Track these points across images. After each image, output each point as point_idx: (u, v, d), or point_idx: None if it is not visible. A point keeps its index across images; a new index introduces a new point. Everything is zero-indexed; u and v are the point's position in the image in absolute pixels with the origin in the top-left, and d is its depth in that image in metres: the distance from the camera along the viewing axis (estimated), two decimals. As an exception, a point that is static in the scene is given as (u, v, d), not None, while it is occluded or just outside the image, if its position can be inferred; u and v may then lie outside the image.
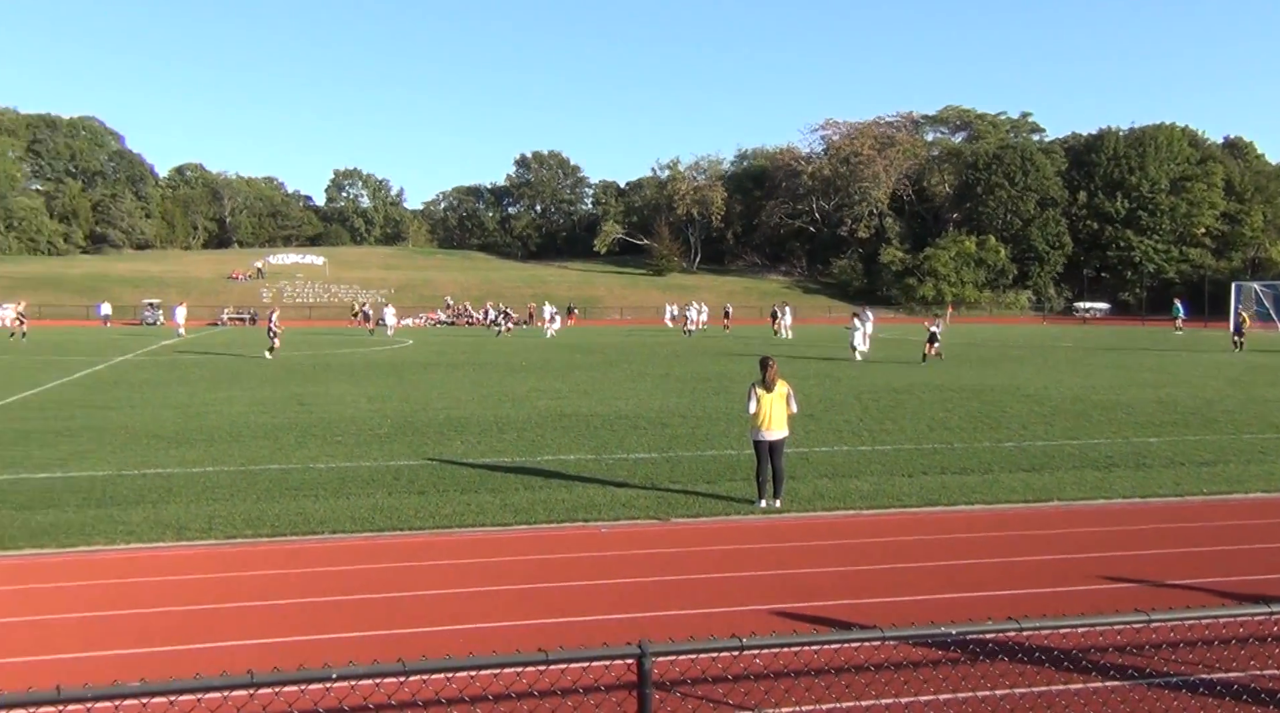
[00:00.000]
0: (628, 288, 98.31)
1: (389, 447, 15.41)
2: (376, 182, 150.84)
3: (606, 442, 16.07)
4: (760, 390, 11.44)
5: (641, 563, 9.25)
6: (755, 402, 11.43)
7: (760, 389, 11.45)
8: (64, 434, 16.34)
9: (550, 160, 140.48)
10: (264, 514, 10.83)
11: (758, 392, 11.45)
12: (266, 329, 36.80)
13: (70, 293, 79.95)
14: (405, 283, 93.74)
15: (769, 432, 11.40)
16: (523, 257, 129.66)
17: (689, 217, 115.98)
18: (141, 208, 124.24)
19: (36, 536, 9.88)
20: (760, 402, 11.41)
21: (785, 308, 56.75)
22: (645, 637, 3.80)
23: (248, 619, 7.62)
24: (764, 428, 11.38)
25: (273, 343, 35.31)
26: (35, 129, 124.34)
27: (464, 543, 9.94)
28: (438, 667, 3.46)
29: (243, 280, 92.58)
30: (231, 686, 3.32)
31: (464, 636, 7.20)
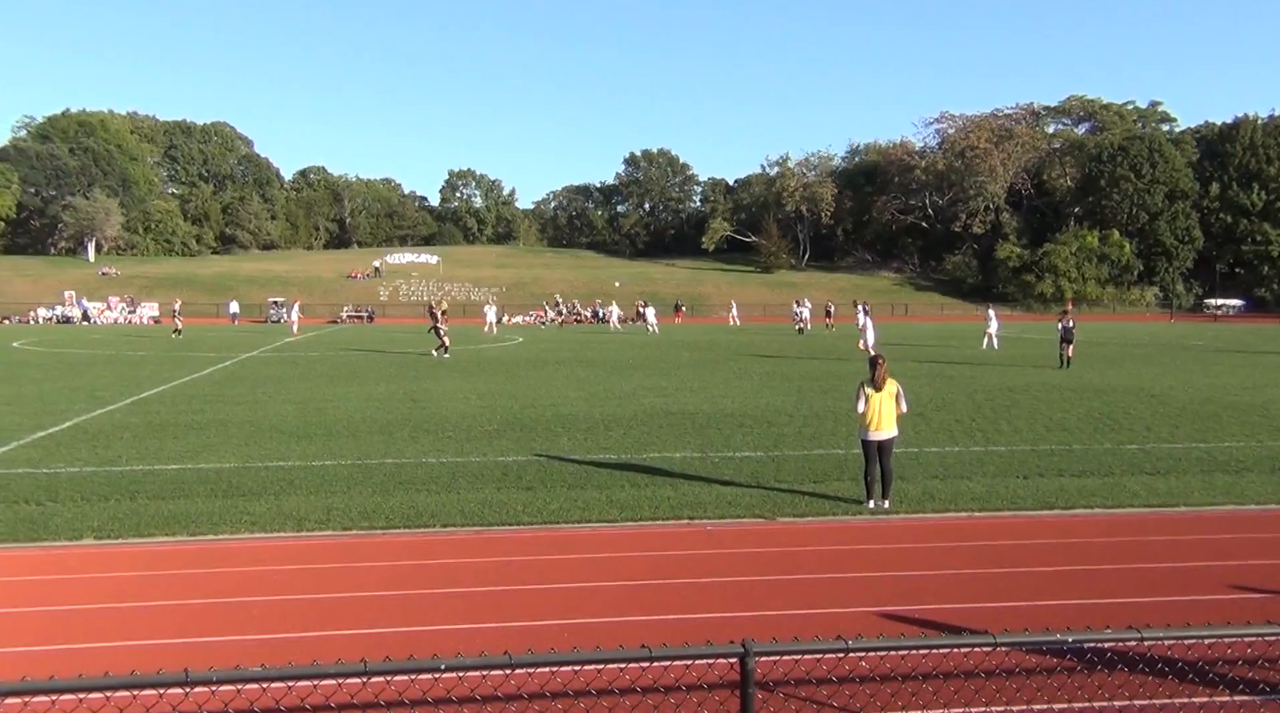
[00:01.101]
0: (735, 285, 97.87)
1: (497, 443, 15.70)
2: (489, 182, 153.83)
3: (712, 440, 16.04)
4: (869, 389, 11.26)
5: (746, 562, 9.21)
6: (864, 401, 11.25)
7: (869, 388, 11.27)
8: (194, 428, 17.13)
9: (659, 158, 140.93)
10: (379, 507, 11.16)
11: (867, 391, 11.27)
12: (431, 328, 35.67)
13: (201, 292, 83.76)
14: (516, 281, 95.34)
15: (878, 431, 11.21)
16: (631, 255, 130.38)
17: (798, 213, 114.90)
18: (268, 210, 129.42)
19: (169, 524, 10.39)
20: (869, 401, 11.23)
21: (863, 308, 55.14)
22: (749, 636, 3.79)
23: (362, 609, 7.86)
24: (873, 428, 11.21)
25: (442, 342, 34.40)
26: (172, 135, 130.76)
27: (570, 539, 10.06)
28: (542, 661, 3.51)
29: (361, 279, 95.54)
30: (346, 673, 3.43)
31: (568, 630, 7.29)
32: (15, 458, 14.08)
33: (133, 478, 12.67)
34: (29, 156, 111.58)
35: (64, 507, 11.07)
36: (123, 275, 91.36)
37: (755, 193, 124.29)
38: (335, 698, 5.15)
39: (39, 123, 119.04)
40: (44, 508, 11.01)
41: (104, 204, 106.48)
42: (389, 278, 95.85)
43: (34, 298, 78.09)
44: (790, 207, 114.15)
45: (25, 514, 10.71)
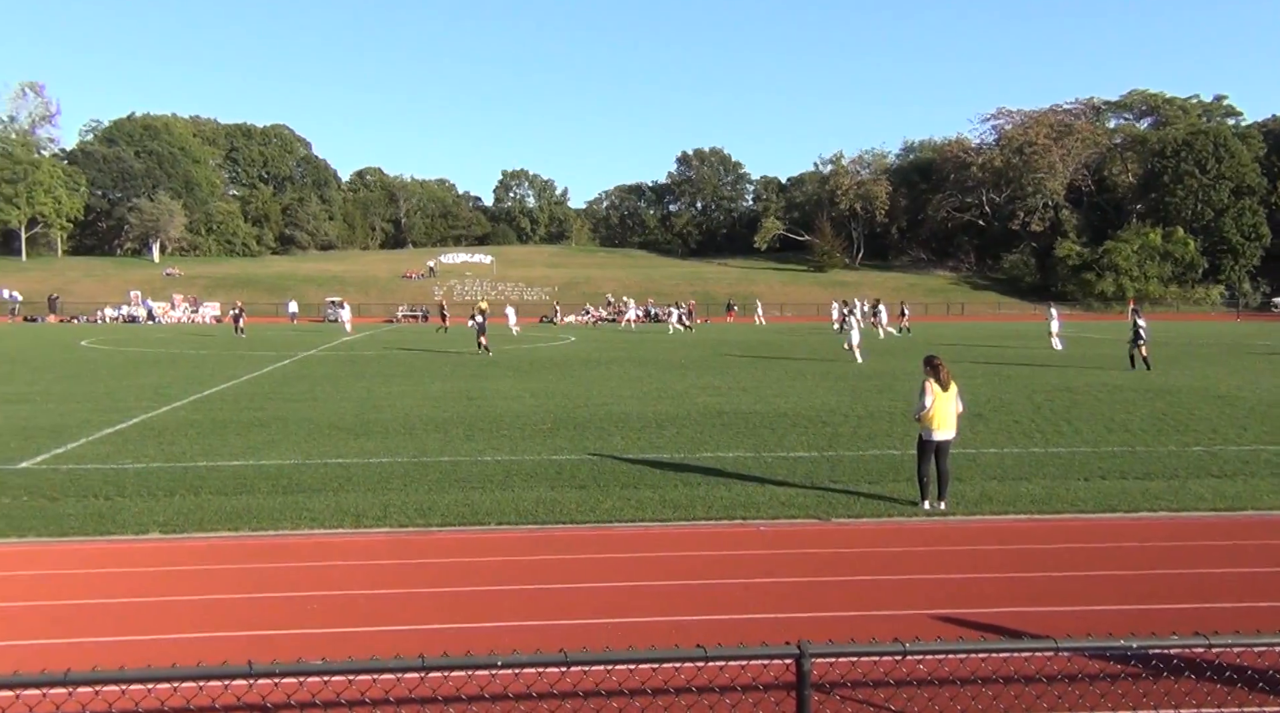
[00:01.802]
0: (788, 285, 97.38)
1: (551, 441, 15.78)
2: (542, 182, 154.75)
3: (766, 440, 15.97)
4: (937, 388, 11.14)
5: (801, 563, 9.16)
6: (932, 400, 11.12)
7: (937, 387, 11.15)
8: (255, 425, 17.45)
9: (711, 157, 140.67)
10: (434, 504, 11.28)
11: (935, 390, 11.14)
12: (476, 326, 36.34)
13: (261, 292, 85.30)
14: (568, 281, 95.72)
15: (942, 431, 11.10)
16: (683, 254, 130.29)
17: (852, 211, 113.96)
18: (325, 211, 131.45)
19: (232, 519, 10.60)
20: (937, 400, 11.11)
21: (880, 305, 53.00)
22: (804, 637, 3.76)
23: (419, 605, 7.95)
24: (937, 428, 11.09)
25: (480, 342, 35.43)
26: (233, 138, 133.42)
27: (624, 538, 10.08)
28: (598, 659, 3.52)
29: (416, 279, 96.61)
30: (405, 668, 3.47)
31: (622, 629, 7.30)
32: (85, 454, 14.46)
33: (196, 474, 12.95)
34: (96, 160, 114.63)
35: (131, 501, 11.35)
36: (186, 275, 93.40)
37: (808, 191, 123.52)
38: (394, 692, 5.22)
39: (105, 127, 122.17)
40: (112, 502, 11.29)
41: (168, 206, 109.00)
42: (443, 278, 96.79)
43: (101, 297, 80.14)
44: (844, 205, 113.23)
45: (95, 508, 10.99)
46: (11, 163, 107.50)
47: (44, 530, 10.13)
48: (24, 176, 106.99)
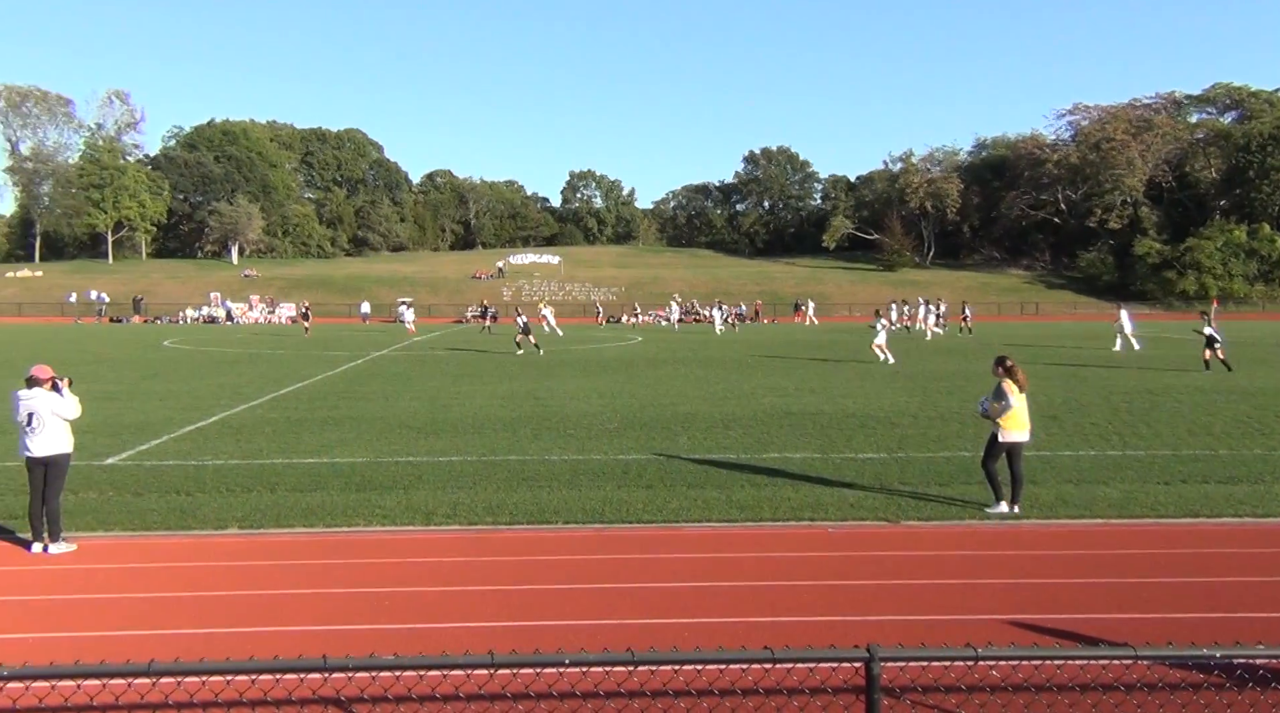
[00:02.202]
0: (857, 284, 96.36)
1: (618, 441, 15.83)
2: (609, 182, 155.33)
3: (834, 440, 15.83)
4: (1015, 389, 10.96)
5: (870, 565, 9.06)
6: (1016, 401, 10.93)
7: (1015, 387, 10.96)
8: (329, 423, 17.81)
9: (779, 156, 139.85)
10: (503, 503, 11.39)
11: (1015, 390, 10.95)
12: (520, 326, 37.25)
13: (335, 292, 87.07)
14: (635, 281, 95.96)
15: (1020, 433, 10.93)
16: (750, 253, 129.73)
17: (922, 210, 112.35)
18: (397, 213, 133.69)
19: (307, 515, 10.83)
20: (1019, 402, 10.94)
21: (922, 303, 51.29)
22: (873, 641, 3.72)
23: (488, 602, 8.04)
24: (1017, 429, 10.90)
25: (520, 342, 36.66)
26: (308, 142, 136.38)
27: (690, 538, 10.07)
28: (665, 658, 3.53)
29: (485, 280, 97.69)
30: (474, 664, 3.52)
31: (690, 629, 7.30)
32: (167, 450, 14.90)
33: (273, 471, 13.26)
34: (178, 165, 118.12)
35: (210, 497, 11.66)
36: (263, 277, 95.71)
37: (878, 189, 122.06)
38: (464, 688, 5.29)
39: (187, 133, 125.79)
40: (193, 498, 11.61)
41: (246, 209, 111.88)
42: (512, 278, 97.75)
43: (183, 299, 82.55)
44: (914, 203, 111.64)
45: (176, 504, 11.32)
46: (99, 169, 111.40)
47: (128, 525, 10.46)
48: (110, 182, 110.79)
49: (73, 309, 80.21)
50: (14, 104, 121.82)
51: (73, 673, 3.46)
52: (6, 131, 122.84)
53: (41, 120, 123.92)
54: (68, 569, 8.96)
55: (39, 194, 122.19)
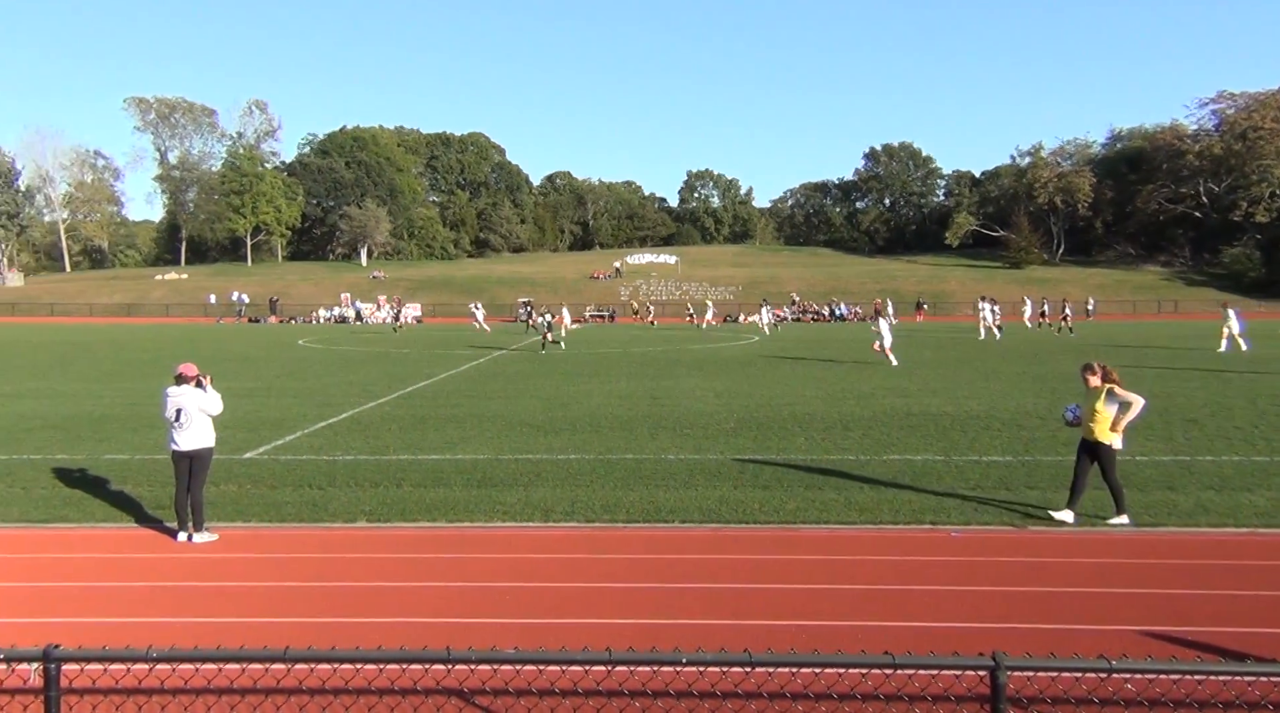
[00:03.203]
0: (982, 282, 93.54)
1: (734, 441, 15.77)
2: (727, 181, 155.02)
3: (956, 443, 15.43)
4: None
5: (994, 571, 8.80)
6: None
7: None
8: (451, 421, 18.27)
9: (900, 152, 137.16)
10: (620, 501, 11.49)
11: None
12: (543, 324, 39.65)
13: (457, 293, 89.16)
14: (752, 280, 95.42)
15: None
16: (870, 252, 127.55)
17: (1051, 205, 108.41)
18: (517, 214, 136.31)
19: (431, 510, 11.14)
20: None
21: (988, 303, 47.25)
22: (998, 649, 3.62)
23: (605, 599, 8.12)
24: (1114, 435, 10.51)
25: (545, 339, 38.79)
26: (433, 147, 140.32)
27: (807, 539, 9.96)
28: (783, 661, 3.50)
29: (603, 280, 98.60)
30: (592, 660, 3.56)
31: (806, 632, 7.23)
32: (300, 445, 15.53)
33: (399, 466, 13.68)
34: (312, 171, 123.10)
35: (341, 491, 12.11)
36: (390, 278, 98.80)
37: (1004, 185, 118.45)
38: (582, 684, 5.36)
39: (320, 140, 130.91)
40: (324, 492, 12.08)
41: (374, 213, 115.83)
42: (629, 278, 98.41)
43: (315, 299, 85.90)
44: (1042, 198, 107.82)
45: (309, 497, 11.79)
46: (239, 176, 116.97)
47: (264, 516, 10.95)
48: (250, 188, 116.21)
49: (214, 310, 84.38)
50: (163, 115, 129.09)
51: (214, 657, 3.64)
52: (156, 142, 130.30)
53: (188, 130, 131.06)
54: (210, 558, 9.44)
55: (185, 201, 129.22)
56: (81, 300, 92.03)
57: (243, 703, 5.61)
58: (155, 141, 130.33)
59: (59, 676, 3.55)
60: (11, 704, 5.61)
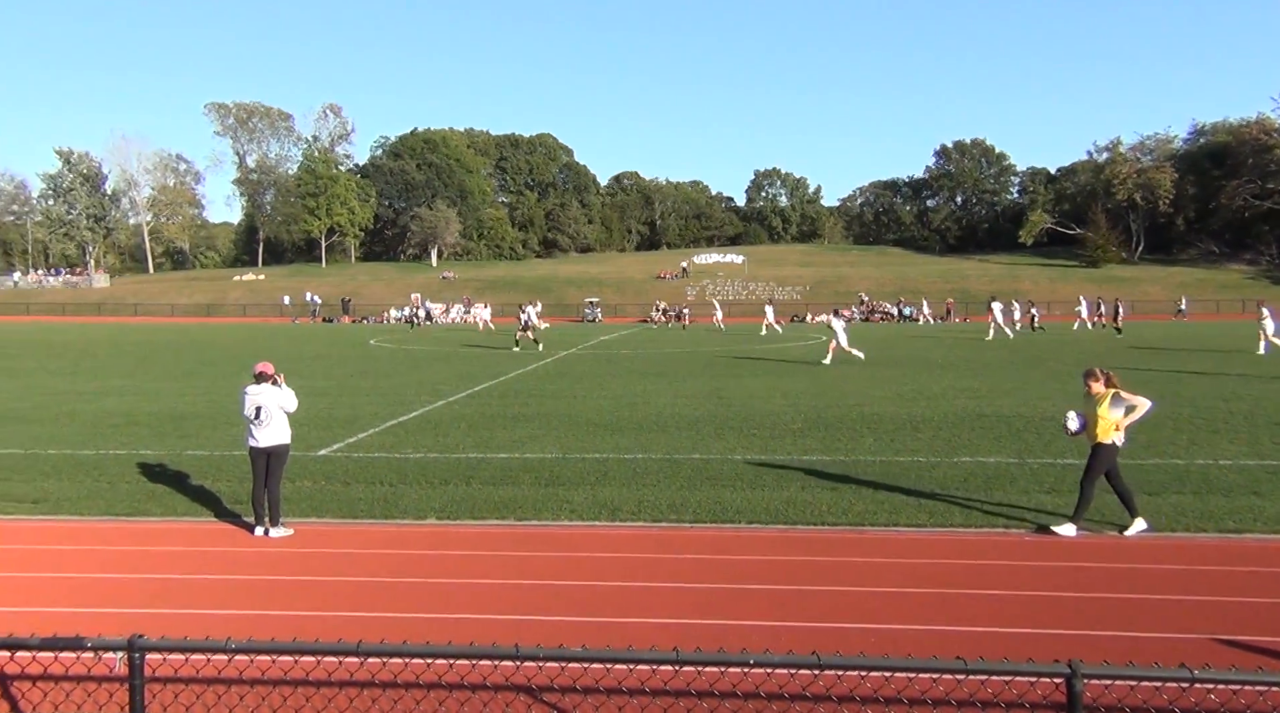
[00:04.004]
0: (1057, 281, 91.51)
1: (801, 442, 15.65)
2: (795, 180, 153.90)
3: (1030, 445, 15.12)
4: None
5: (1070, 576, 8.60)
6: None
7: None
8: (519, 419, 18.44)
9: (973, 149, 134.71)
10: (686, 501, 11.48)
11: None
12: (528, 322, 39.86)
13: (525, 293, 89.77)
14: (819, 279, 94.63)
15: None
16: (940, 251, 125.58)
17: (1130, 202, 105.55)
18: (585, 215, 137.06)
19: (500, 508, 11.25)
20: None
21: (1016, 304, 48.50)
22: (1074, 656, 3.54)
23: (672, 599, 8.12)
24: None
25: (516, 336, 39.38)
26: (502, 148, 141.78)
27: (877, 541, 9.85)
28: (852, 664, 3.47)
29: (669, 280, 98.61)
30: (659, 660, 3.57)
31: (876, 635, 7.14)
32: (372, 444, 15.81)
33: (468, 464, 13.85)
34: (384, 173, 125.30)
35: (411, 489, 12.29)
36: (459, 278, 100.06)
37: (1080, 181, 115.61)
38: (650, 683, 5.36)
39: (392, 142, 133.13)
40: (395, 489, 12.28)
41: (445, 214, 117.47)
42: (695, 278, 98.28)
43: (386, 300, 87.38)
44: (1121, 195, 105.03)
45: (380, 494, 12.00)
46: (314, 178, 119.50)
47: (338, 513, 11.16)
48: (324, 190, 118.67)
49: (289, 310, 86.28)
50: (242, 120, 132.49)
51: (290, 649, 3.73)
52: (235, 146, 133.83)
53: (265, 134, 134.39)
54: (285, 552, 9.65)
55: (262, 203, 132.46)
56: (164, 300, 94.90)
57: (317, 695, 5.73)
58: (234, 145, 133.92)
59: (143, 664, 3.67)
60: (99, 692, 5.81)
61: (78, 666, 5.68)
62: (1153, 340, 42.16)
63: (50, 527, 10.62)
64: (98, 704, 5.66)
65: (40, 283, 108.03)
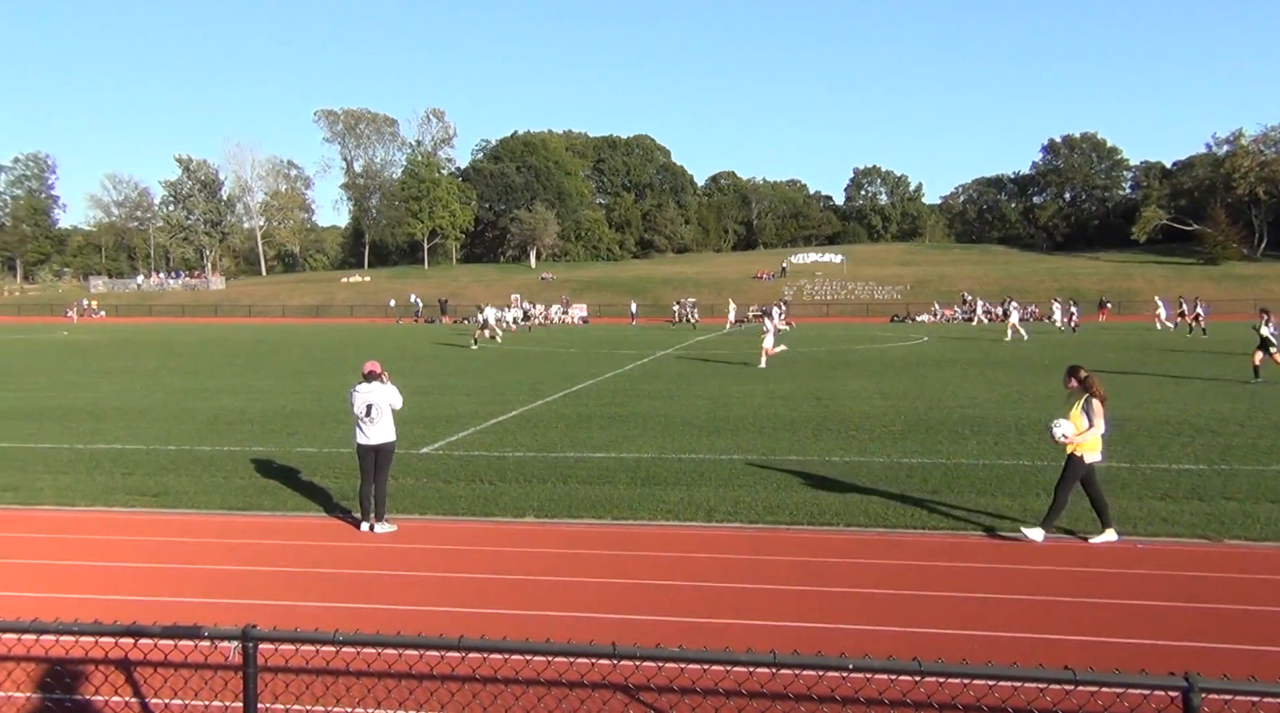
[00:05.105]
0: (1172, 279, 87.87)
1: (901, 444, 15.39)
2: (895, 178, 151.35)
3: (1143, 449, 14.57)
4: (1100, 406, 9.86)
5: (1185, 586, 8.27)
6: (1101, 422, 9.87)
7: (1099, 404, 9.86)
8: (616, 419, 18.55)
9: (1082, 144, 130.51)
10: (783, 502, 11.39)
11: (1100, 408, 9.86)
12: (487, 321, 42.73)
13: (622, 294, 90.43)
14: (921, 279, 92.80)
15: (1099, 453, 9.92)
16: (1048, 248, 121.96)
17: (1252, 196, 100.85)
18: (682, 215, 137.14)
19: (595, 508, 11.34)
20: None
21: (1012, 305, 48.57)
22: (1189, 669, 3.40)
23: (768, 601, 8.06)
24: (1097, 449, 9.89)
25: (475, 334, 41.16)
26: (600, 150, 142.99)
27: (979, 547, 9.62)
28: (956, 672, 3.40)
29: (767, 280, 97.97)
30: (757, 663, 3.55)
31: (979, 642, 6.97)
32: (473, 442, 16.10)
33: (565, 464, 13.99)
34: (485, 176, 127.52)
35: (510, 487, 12.48)
36: (557, 279, 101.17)
37: (1198, 176, 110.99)
38: (747, 685, 5.34)
39: (493, 145, 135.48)
40: (495, 487, 12.48)
41: (543, 216, 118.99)
42: (793, 277, 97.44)
43: (486, 300, 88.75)
44: (1242, 189, 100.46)
45: (481, 492, 12.21)
46: (417, 182, 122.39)
47: (440, 509, 11.40)
48: (427, 194, 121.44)
49: (394, 311, 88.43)
50: (349, 126, 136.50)
51: (395, 643, 3.82)
52: (343, 151, 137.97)
53: (371, 140, 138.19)
54: (389, 548, 9.91)
55: (368, 207, 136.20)
56: (275, 302, 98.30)
57: (419, 688, 5.87)
58: (342, 151, 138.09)
59: (256, 654, 3.81)
60: (215, 679, 6.05)
61: (195, 654, 5.92)
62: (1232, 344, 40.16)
63: (171, 519, 11.10)
64: (214, 691, 5.90)
65: (161, 286, 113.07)
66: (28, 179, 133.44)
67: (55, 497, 12.13)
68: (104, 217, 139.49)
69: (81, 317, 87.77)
